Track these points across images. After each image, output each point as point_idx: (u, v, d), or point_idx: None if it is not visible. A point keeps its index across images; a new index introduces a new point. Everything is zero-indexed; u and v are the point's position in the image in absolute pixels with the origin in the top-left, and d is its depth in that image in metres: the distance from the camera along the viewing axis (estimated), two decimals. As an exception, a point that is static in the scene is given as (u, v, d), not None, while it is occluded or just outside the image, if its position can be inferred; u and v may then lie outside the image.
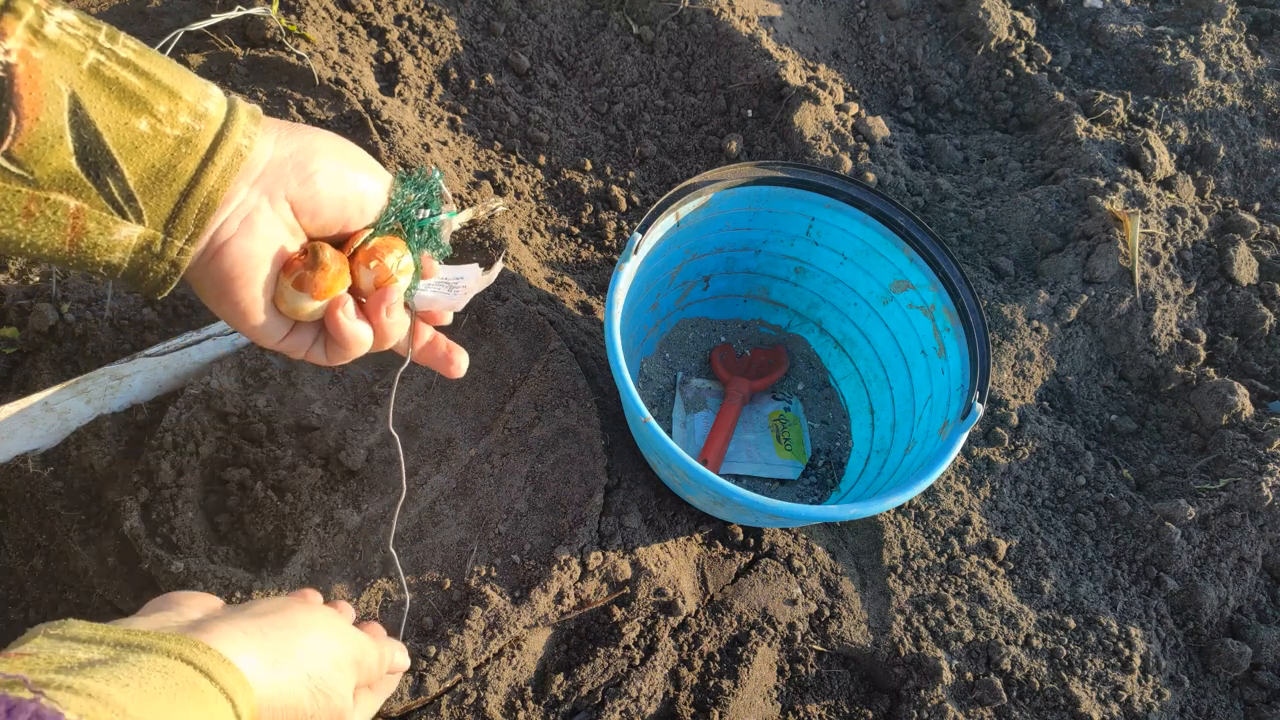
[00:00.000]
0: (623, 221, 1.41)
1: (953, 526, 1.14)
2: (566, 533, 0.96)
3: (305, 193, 0.50)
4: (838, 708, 0.99)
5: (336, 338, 0.52)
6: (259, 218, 0.49)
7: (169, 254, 0.47)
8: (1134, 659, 1.06)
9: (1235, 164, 1.61)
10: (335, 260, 0.50)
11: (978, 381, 0.98)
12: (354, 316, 0.52)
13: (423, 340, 0.59)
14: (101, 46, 0.43)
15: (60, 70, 0.41)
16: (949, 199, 1.49)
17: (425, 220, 0.55)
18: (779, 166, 1.10)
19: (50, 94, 0.41)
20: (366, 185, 0.52)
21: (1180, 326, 1.39)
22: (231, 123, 0.47)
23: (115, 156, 0.44)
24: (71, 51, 0.42)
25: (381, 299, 0.52)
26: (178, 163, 0.45)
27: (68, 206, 0.43)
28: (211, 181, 0.46)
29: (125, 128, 0.43)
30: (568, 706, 0.91)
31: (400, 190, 0.54)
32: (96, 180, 0.44)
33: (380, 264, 0.52)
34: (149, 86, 0.44)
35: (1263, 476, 1.18)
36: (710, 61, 1.53)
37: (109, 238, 0.45)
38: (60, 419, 0.96)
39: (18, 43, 0.40)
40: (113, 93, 0.43)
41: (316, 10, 1.40)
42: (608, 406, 1.09)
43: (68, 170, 0.43)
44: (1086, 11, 1.79)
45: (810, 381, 1.32)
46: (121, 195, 0.44)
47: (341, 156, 0.51)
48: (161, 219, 0.46)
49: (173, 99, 0.45)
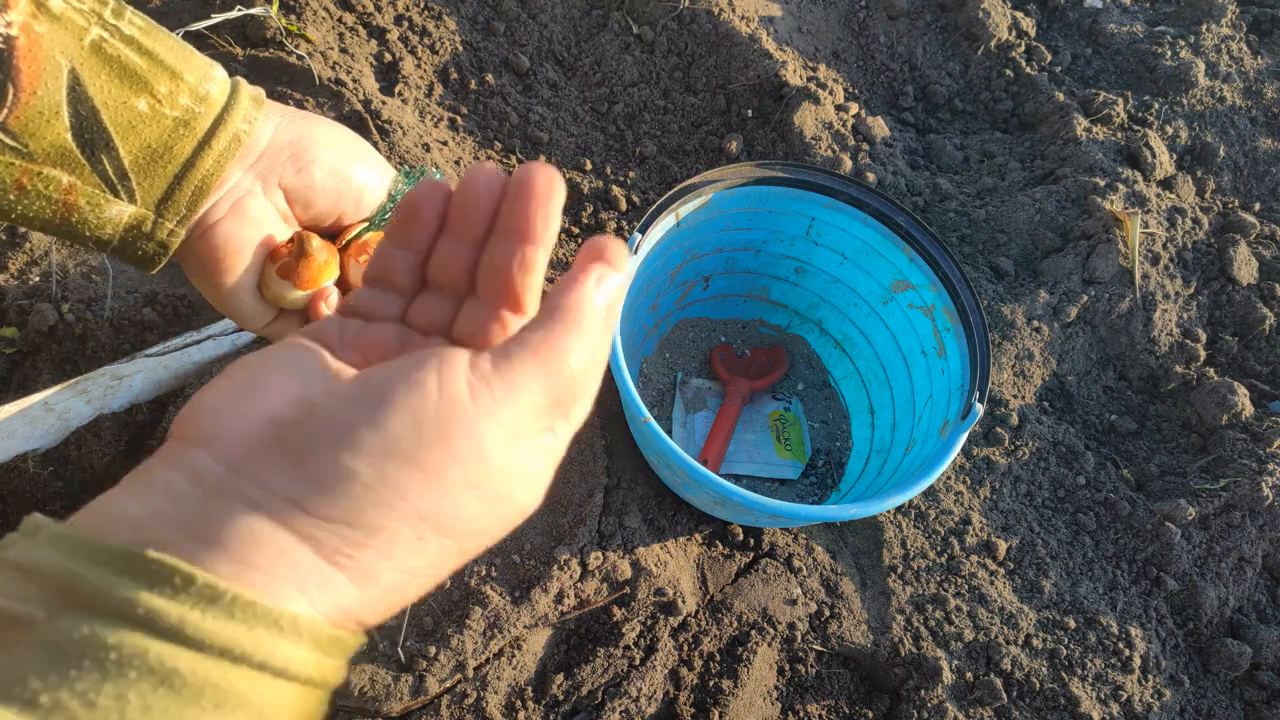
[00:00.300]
0: (623, 221, 1.41)
1: (953, 526, 1.14)
2: (566, 532, 0.96)
3: (300, 182, 0.49)
4: (838, 708, 0.99)
5: None
6: (250, 202, 0.48)
7: (159, 234, 0.47)
8: (1134, 659, 1.06)
9: (1235, 164, 1.61)
10: (322, 251, 0.50)
11: (978, 381, 0.98)
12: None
13: None
14: (106, 22, 0.43)
15: (61, 45, 0.41)
16: (949, 199, 1.49)
17: None
18: (779, 166, 1.10)
19: (50, 68, 0.41)
20: (365, 179, 0.52)
21: (1180, 326, 1.39)
22: (233, 106, 0.46)
23: (111, 134, 0.43)
24: (74, 26, 0.42)
25: None
26: (174, 144, 0.45)
27: (60, 181, 0.43)
28: (207, 165, 0.46)
29: (123, 106, 0.43)
30: (568, 706, 0.91)
31: (401, 186, 0.54)
32: (91, 157, 0.43)
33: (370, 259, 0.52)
34: (151, 66, 0.44)
35: (1263, 476, 1.18)
36: (710, 61, 1.53)
37: (100, 215, 0.45)
38: (60, 419, 0.96)
39: (20, 15, 0.40)
40: (113, 70, 0.43)
41: (316, 10, 1.40)
42: (608, 406, 1.09)
43: (63, 145, 0.42)
44: (1086, 11, 1.79)
45: (810, 381, 1.32)
46: (115, 173, 0.44)
47: (341, 148, 0.51)
48: (154, 199, 0.46)
49: (174, 80, 0.45)
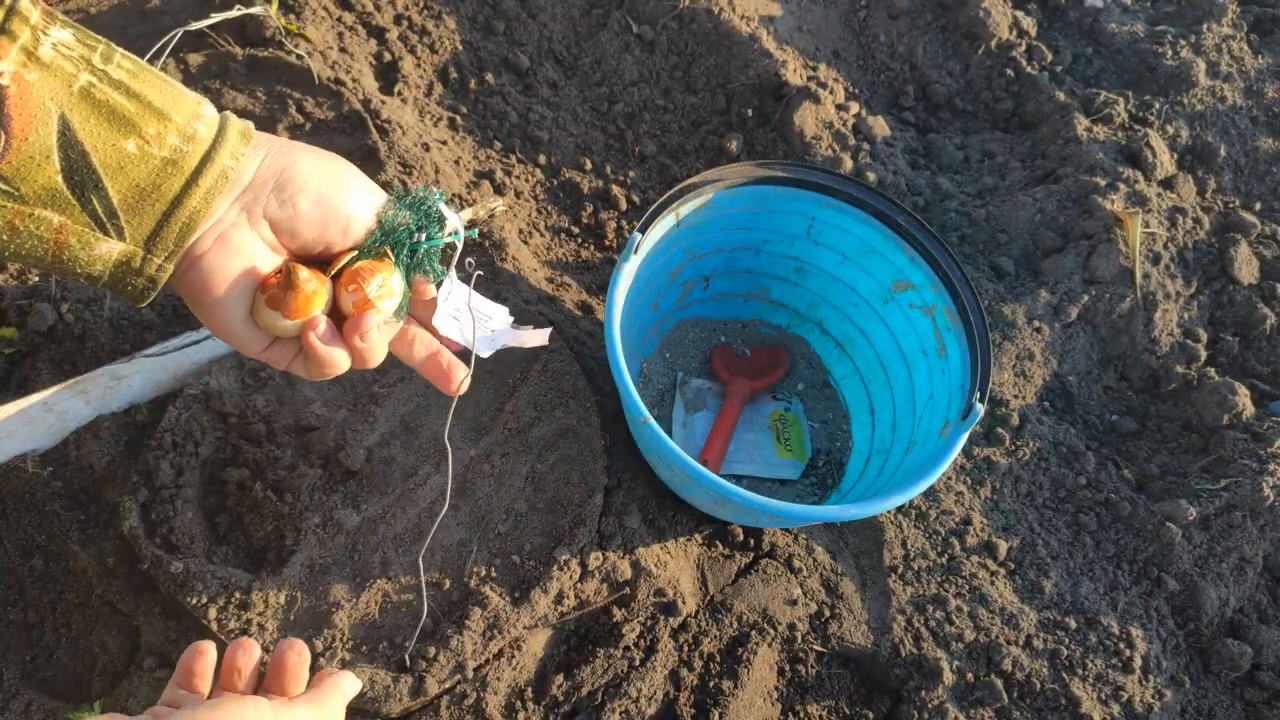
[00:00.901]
0: (623, 221, 1.41)
1: (953, 527, 1.14)
2: (566, 533, 0.96)
3: (284, 213, 0.50)
4: (838, 708, 0.99)
5: (310, 357, 0.53)
6: (235, 234, 0.49)
7: (147, 270, 0.48)
8: (1135, 659, 1.06)
9: (1236, 163, 1.61)
10: (310, 282, 0.50)
11: (978, 381, 0.98)
12: (328, 339, 0.52)
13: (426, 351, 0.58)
14: (94, 68, 0.44)
15: (51, 92, 0.43)
16: (949, 198, 1.49)
17: (417, 244, 0.54)
18: (779, 166, 1.10)
19: (40, 115, 0.42)
20: (351, 208, 0.52)
21: (1181, 326, 1.39)
22: (220, 144, 0.48)
23: (101, 176, 0.45)
24: (64, 73, 0.43)
25: (355, 325, 0.52)
26: (162, 183, 0.46)
27: (51, 222, 0.44)
28: (194, 203, 0.47)
29: (113, 149, 0.44)
30: (567, 707, 0.91)
31: (394, 212, 0.53)
32: (81, 198, 0.45)
33: (359, 289, 0.51)
34: (139, 109, 0.45)
35: (1263, 476, 1.18)
36: (710, 61, 1.53)
37: (90, 252, 0.46)
38: (59, 419, 0.95)
39: (11, 65, 0.41)
40: (102, 115, 0.44)
41: (316, 10, 1.39)
42: (608, 406, 1.09)
43: (54, 187, 0.44)
44: (1087, 11, 1.79)
45: (810, 381, 1.32)
46: (105, 213, 0.46)
47: (326, 177, 0.51)
48: (142, 237, 0.47)
49: (162, 121, 0.46)
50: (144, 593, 0.91)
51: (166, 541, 0.89)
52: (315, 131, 1.27)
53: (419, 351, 0.58)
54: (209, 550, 0.91)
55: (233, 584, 0.87)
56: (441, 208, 0.55)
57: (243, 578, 0.88)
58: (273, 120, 1.25)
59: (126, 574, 0.91)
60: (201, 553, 0.90)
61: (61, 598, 0.96)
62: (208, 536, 0.92)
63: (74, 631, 0.95)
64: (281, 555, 0.91)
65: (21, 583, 0.97)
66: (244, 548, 0.93)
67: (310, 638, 0.86)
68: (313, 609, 0.88)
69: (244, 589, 0.87)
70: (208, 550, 0.91)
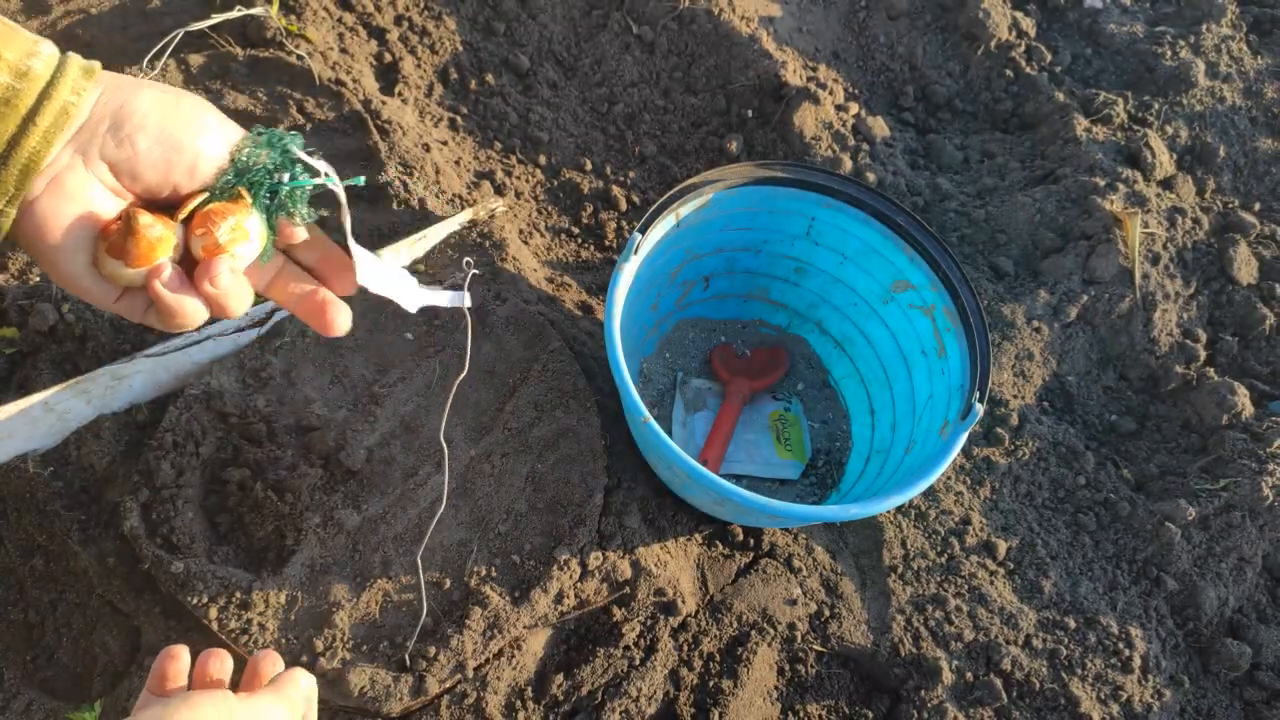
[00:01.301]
0: (623, 221, 1.41)
1: (953, 526, 1.14)
2: (566, 533, 0.96)
3: (121, 154, 0.47)
4: (838, 708, 0.99)
5: (159, 308, 0.50)
6: (69, 178, 0.46)
7: None
8: (1134, 659, 1.06)
9: (1235, 164, 1.61)
10: (155, 227, 0.47)
11: (978, 381, 0.98)
12: (175, 287, 0.49)
13: (300, 291, 0.54)
14: None
15: None
16: (949, 199, 1.49)
17: (277, 184, 0.50)
18: (779, 166, 1.10)
19: None
20: (201, 146, 0.49)
21: (1180, 326, 1.39)
22: (58, 80, 0.45)
23: None
24: None
25: (205, 271, 0.49)
26: None
27: None
28: (33, 143, 0.44)
29: None
30: (568, 707, 0.91)
31: (249, 149, 0.50)
32: None
33: (208, 233, 0.48)
34: None
35: (1263, 476, 1.18)
36: (710, 61, 1.53)
37: None
38: (60, 419, 0.96)
39: None
40: None
41: (316, 10, 1.40)
42: (608, 406, 1.09)
43: None
44: (1086, 11, 1.79)
45: (810, 381, 1.32)
46: None
47: (169, 115, 0.48)
48: None
49: None
50: (144, 593, 0.91)
51: (167, 541, 0.89)
52: (316, 132, 1.27)
53: (294, 291, 0.54)
54: (210, 550, 0.91)
55: (233, 584, 0.87)
56: (297, 151, 0.51)
57: (243, 578, 0.88)
58: (273, 120, 1.26)
59: (127, 574, 0.92)
60: (202, 553, 0.90)
61: (62, 598, 0.96)
62: (208, 536, 0.92)
63: (75, 631, 0.95)
64: (282, 555, 0.91)
65: (22, 583, 0.97)
66: (245, 548, 0.93)
67: (311, 637, 0.86)
68: (313, 609, 0.88)
69: (245, 589, 0.87)
70: (208, 550, 0.91)
